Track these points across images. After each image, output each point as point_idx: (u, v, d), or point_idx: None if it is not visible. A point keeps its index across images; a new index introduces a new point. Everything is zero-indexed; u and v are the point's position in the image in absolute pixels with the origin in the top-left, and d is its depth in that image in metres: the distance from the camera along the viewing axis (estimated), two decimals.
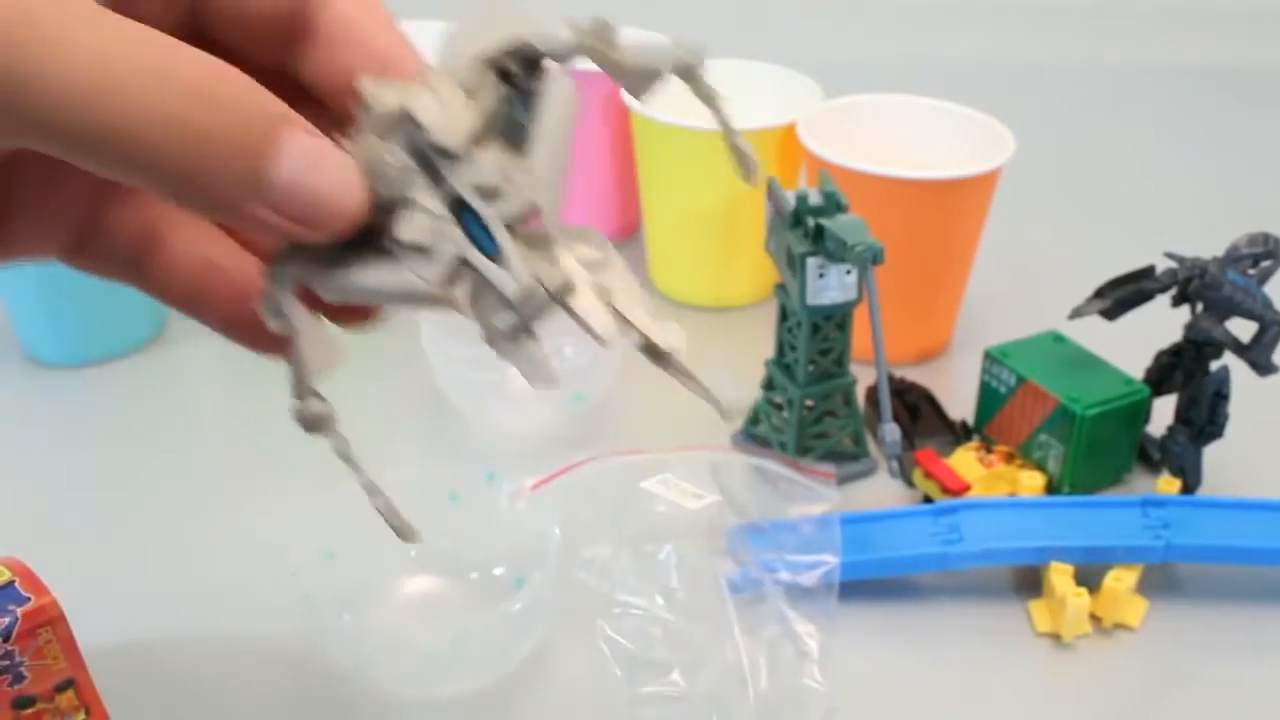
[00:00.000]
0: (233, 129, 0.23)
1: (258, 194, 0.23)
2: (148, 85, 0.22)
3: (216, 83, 0.23)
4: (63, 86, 0.22)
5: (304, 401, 0.26)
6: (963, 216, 0.69)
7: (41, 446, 0.66)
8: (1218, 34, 1.28)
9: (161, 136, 0.22)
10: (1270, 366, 0.57)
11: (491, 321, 0.24)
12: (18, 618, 0.40)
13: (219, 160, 0.23)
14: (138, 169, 0.23)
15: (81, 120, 0.22)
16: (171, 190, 0.23)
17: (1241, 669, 0.52)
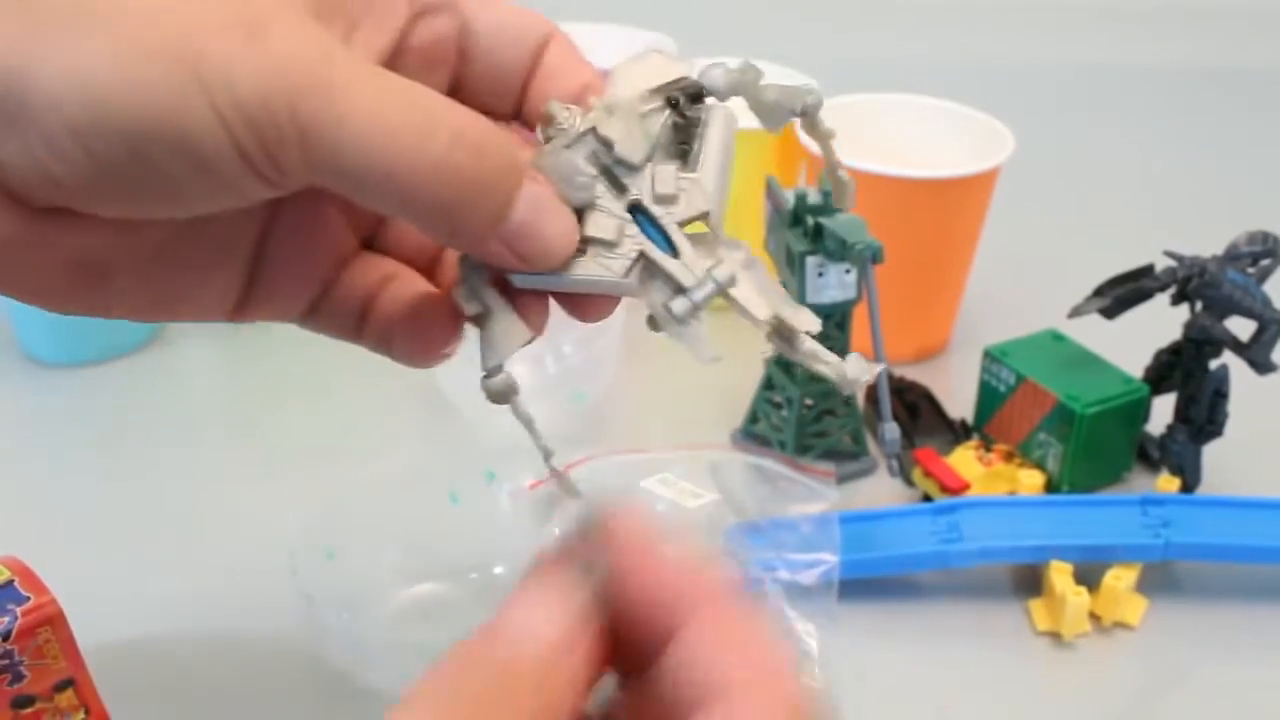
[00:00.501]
0: (488, 173, 0.26)
1: (497, 231, 0.27)
2: (422, 131, 0.25)
3: (475, 132, 0.26)
4: (353, 131, 0.25)
5: (492, 376, 0.29)
6: (963, 215, 0.69)
7: (41, 446, 0.66)
8: (1218, 34, 1.28)
9: (430, 176, 0.26)
10: (1269, 365, 0.57)
11: (663, 306, 0.28)
12: (17, 617, 0.40)
13: (473, 198, 0.26)
14: (407, 203, 0.26)
15: (365, 161, 0.25)
16: (430, 222, 0.27)
17: (1241, 668, 0.52)
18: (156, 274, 0.30)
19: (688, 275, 0.28)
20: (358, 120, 0.25)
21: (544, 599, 0.25)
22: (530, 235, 0.27)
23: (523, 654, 0.24)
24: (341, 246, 0.33)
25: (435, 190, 0.26)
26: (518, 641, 0.24)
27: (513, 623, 0.25)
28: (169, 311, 0.32)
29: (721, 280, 0.28)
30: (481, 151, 0.26)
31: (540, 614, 0.25)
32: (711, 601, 0.24)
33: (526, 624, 0.24)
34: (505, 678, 0.24)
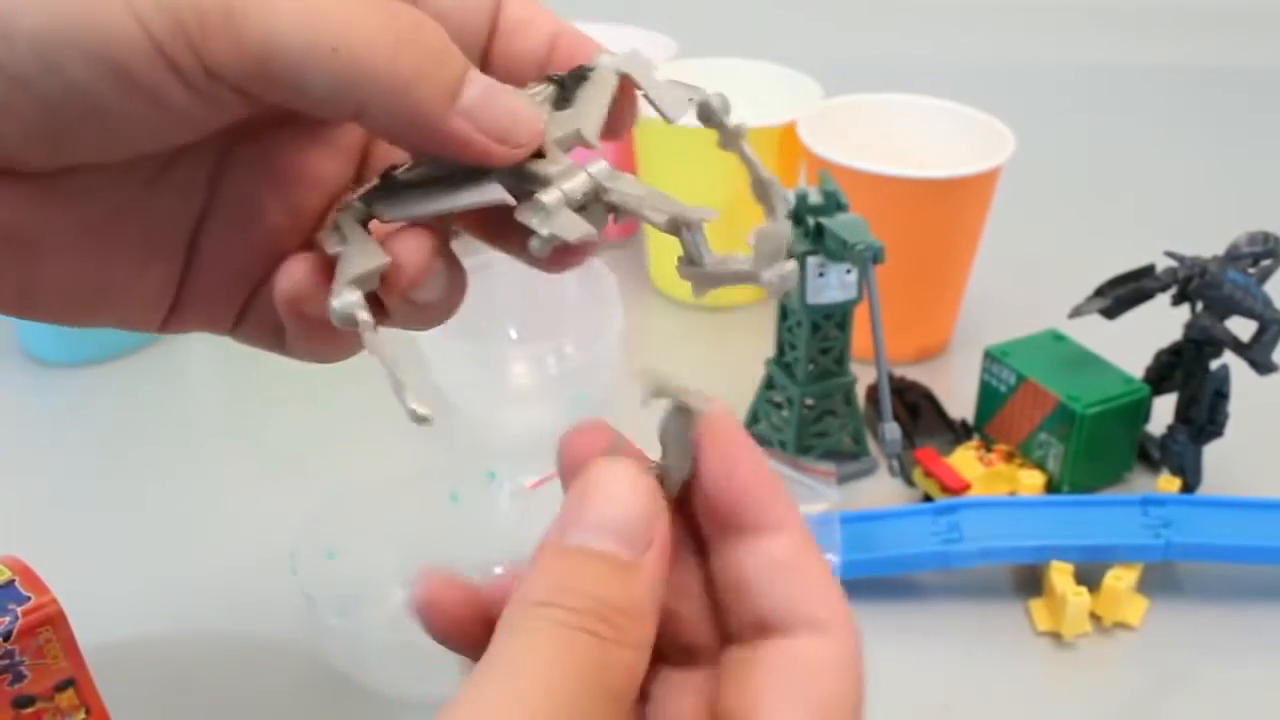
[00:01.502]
0: (434, 42, 0.26)
1: (456, 107, 0.26)
2: (361, 4, 0.25)
3: (409, 10, 0.25)
4: (289, 6, 0.24)
5: (338, 295, 0.27)
6: (963, 216, 0.69)
7: (42, 445, 0.66)
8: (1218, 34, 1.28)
9: (378, 46, 0.25)
10: (1270, 365, 0.57)
11: (533, 202, 0.27)
12: (18, 617, 0.40)
13: (427, 68, 0.25)
14: (358, 82, 0.25)
15: (307, 38, 0.24)
16: (385, 102, 0.25)
17: (1241, 668, 0.52)
18: (87, 257, 0.28)
19: (554, 168, 0.27)
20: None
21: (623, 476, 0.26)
22: (494, 107, 0.26)
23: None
24: (280, 243, 0.31)
25: (386, 62, 0.25)
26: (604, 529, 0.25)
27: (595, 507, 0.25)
28: (98, 305, 0.30)
29: (596, 174, 0.27)
30: (421, 24, 0.25)
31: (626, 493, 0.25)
32: (797, 523, 0.26)
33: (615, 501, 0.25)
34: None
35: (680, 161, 0.74)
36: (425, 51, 0.25)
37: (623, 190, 0.27)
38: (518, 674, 0.22)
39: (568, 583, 0.24)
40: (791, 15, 1.26)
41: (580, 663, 0.23)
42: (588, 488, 0.25)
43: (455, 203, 0.28)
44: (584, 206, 0.27)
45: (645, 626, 0.24)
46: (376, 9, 0.25)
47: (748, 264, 0.28)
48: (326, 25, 0.24)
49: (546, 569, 0.24)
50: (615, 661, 0.23)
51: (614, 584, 0.24)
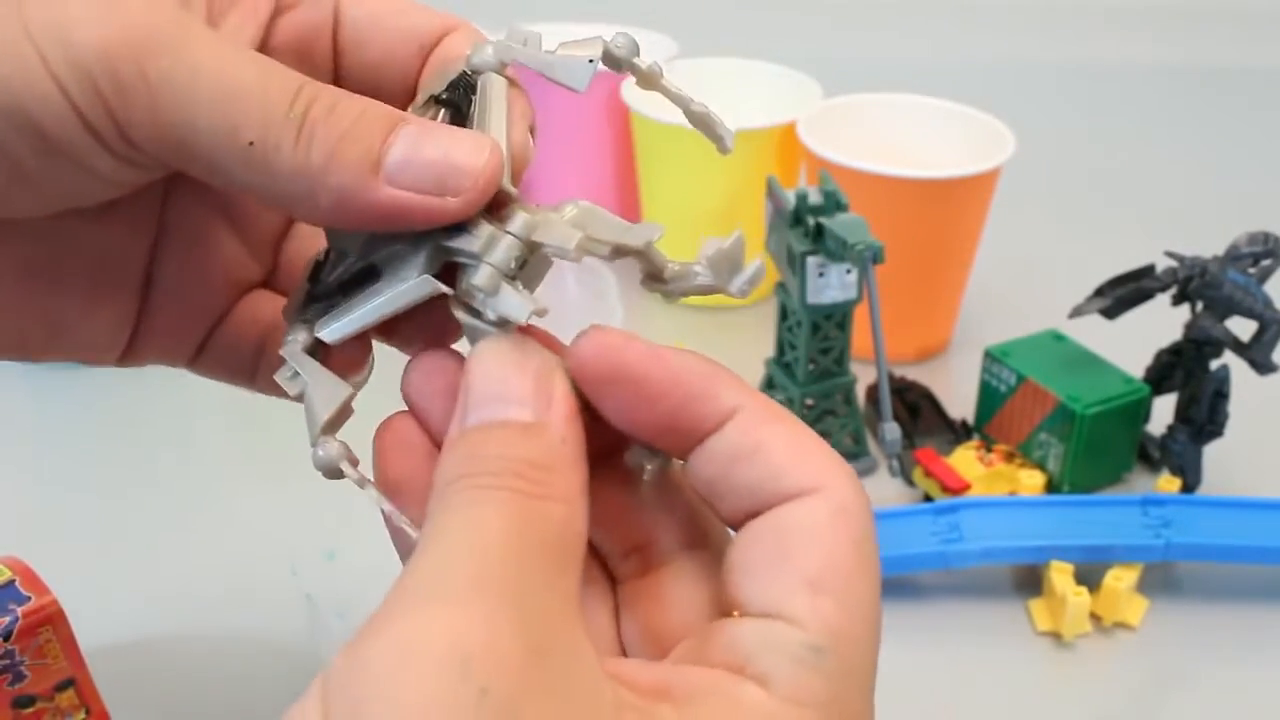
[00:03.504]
0: (345, 121, 0.24)
1: (381, 176, 0.24)
2: (276, 89, 0.24)
3: (328, 91, 0.25)
4: (208, 87, 0.23)
5: (318, 447, 0.27)
6: (963, 216, 0.69)
7: (41, 446, 0.66)
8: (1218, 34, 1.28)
9: (287, 138, 0.24)
10: (1270, 365, 0.57)
11: (468, 286, 0.25)
12: (18, 617, 0.40)
13: (340, 148, 0.24)
14: (276, 175, 0.24)
15: (221, 122, 0.24)
16: (306, 192, 0.24)
17: (1241, 668, 0.52)
18: (34, 297, 0.28)
19: (476, 240, 0.25)
20: (210, 77, 0.23)
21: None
22: (423, 157, 0.24)
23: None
24: (237, 275, 0.31)
25: (300, 154, 0.24)
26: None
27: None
28: (50, 343, 0.29)
29: (516, 230, 0.25)
30: (334, 101, 0.24)
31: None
32: (747, 399, 0.25)
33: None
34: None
35: (680, 161, 0.74)
36: (336, 131, 0.24)
37: (554, 240, 0.25)
38: (443, 543, 0.22)
39: (476, 455, 0.23)
40: (791, 15, 1.26)
41: (505, 516, 0.22)
42: (470, 374, 0.25)
43: (388, 307, 0.26)
44: (523, 265, 0.26)
45: (567, 479, 0.23)
46: (286, 90, 0.24)
47: (709, 276, 0.27)
48: (242, 115, 0.24)
49: (452, 454, 0.24)
50: (542, 513, 0.22)
51: (523, 443, 0.23)
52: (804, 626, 0.23)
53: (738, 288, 0.27)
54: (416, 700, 0.19)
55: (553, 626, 0.21)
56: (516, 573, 0.21)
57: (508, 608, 0.20)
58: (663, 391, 0.25)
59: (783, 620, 0.23)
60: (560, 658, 0.21)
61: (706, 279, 0.27)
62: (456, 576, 0.21)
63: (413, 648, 0.19)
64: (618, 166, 0.81)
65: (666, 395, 0.25)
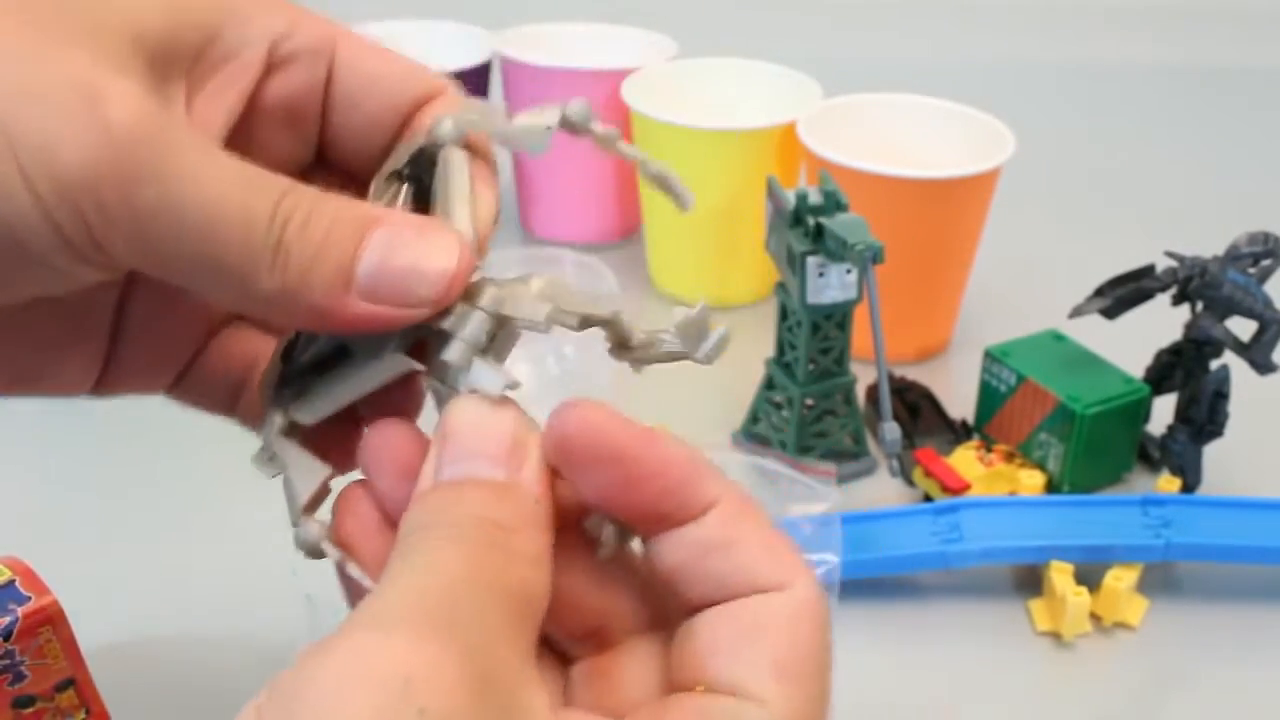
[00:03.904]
0: (316, 238, 0.24)
1: (353, 292, 0.25)
2: (250, 216, 0.24)
3: (302, 208, 0.25)
4: (192, 220, 0.24)
5: (299, 528, 0.27)
6: (963, 216, 0.69)
7: (42, 446, 0.66)
8: (1218, 34, 1.28)
9: (263, 260, 0.24)
10: (1270, 365, 0.57)
11: (440, 362, 0.26)
12: (18, 617, 0.40)
13: (312, 268, 0.24)
14: (252, 294, 0.24)
15: (206, 253, 0.24)
16: (280, 308, 0.25)
17: (1241, 669, 0.52)
18: (4, 347, 0.28)
19: (448, 318, 0.26)
20: (194, 206, 0.24)
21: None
22: (394, 271, 0.25)
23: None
24: (210, 313, 0.31)
25: (275, 274, 0.24)
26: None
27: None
28: (29, 387, 0.30)
29: (486, 305, 0.26)
30: (307, 217, 0.25)
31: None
32: (726, 491, 0.25)
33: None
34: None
35: (680, 162, 0.74)
36: (310, 250, 0.24)
37: (524, 314, 0.26)
38: (400, 579, 0.22)
39: (446, 509, 0.23)
40: (791, 15, 1.26)
41: (466, 562, 0.22)
42: (447, 427, 0.25)
43: (362, 387, 0.27)
44: (494, 337, 0.26)
45: (535, 542, 0.24)
46: (265, 210, 0.24)
47: (678, 344, 0.27)
48: (224, 244, 0.24)
49: (422, 505, 0.24)
50: (505, 568, 0.22)
51: (494, 503, 0.23)
52: (770, 707, 0.23)
53: (703, 354, 0.27)
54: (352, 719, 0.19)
55: (502, 665, 0.21)
56: (471, 614, 0.21)
57: (457, 641, 0.20)
58: (651, 475, 0.25)
59: (751, 700, 0.24)
60: (506, 691, 0.21)
61: (674, 346, 0.27)
62: (409, 607, 0.21)
63: (353, 669, 0.19)
64: (618, 166, 0.81)
65: (654, 480, 0.25)
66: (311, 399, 0.28)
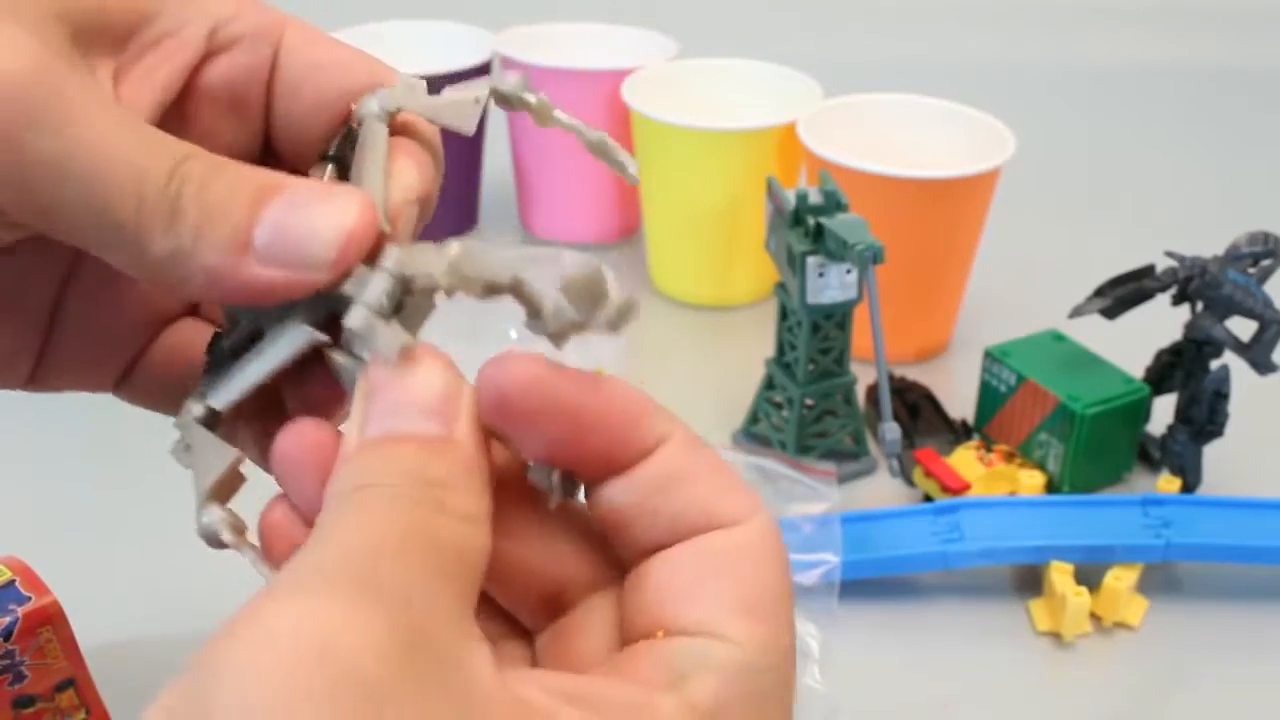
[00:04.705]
0: (216, 200, 0.24)
1: (250, 254, 0.24)
2: (144, 170, 0.23)
3: (200, 166, 0.24)
4: (80, 171, 0.23)
5: (201, 514, 0.26)
6: (963, 216, 0.69)
7: (42, 446, 0.66)
8: (1218, 34, 1.28)
9: (158, 221, 0.23)
10: (1270, 365, 0.57)
11: (346, 326, 0.24)
12: (18, 617, 0.40)
13: (207, 230, 0.24)
14: (145, 257, 0.24)
15: (97, 208, 0.23)
16: (177, 272, 0.24)
17: (1241, 669, 0.52)
18: None
19: (350, 283, 0.24)
20: (86, 155, 0.23)
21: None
22: (296, 235, 0.24)
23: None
24: (155, 307, 0.31)
25: (169, 237, 0.24)
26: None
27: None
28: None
29: (391, 267, 0.24)
30: (205, 183, 0.24)
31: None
32: (674, 428, 0.24)
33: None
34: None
35: (680, 161, 0.74)
36: (206, 211, 0.24)
37: (422, 270, 0.24)
38: (321, 544, 0.20)
39: (377, 467, 0.22)
40: (791, 15, 1.26)
41: (396, 521, 0.21)
42: (370, 383, 0.23)
43: (270, 363, 0.26)
44: (401, 304, 0.25)
45: (473, 500, 0.22)
46: (163, 169, 0.24)
47: (579, 314, 0.24)
48: (115, 196, 0.23)
49: (351, 465, 0.22)
50: (440, 525, 0.21)
51: (429, 459, 0.22)
52: (740, 646, 0.23)
53: (600, 322, 0.24)
54: (266, 692, 0.18)
55: (435, 622, 0.20)
56: (400, 573, 0.20)
57: (384, 600, 0.19)
58: (599, 423, 0.24)
59: (717, 639, 0.23)
60: (439, 650, 0.19)
61: (569, 314, 0.24)
62: (331, 569, 0.19)
63: (266, 637, 0.18)
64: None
65: (602, 427, 0.24)
66: (224, 382, 0.27)
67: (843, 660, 0.50)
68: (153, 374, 0.31)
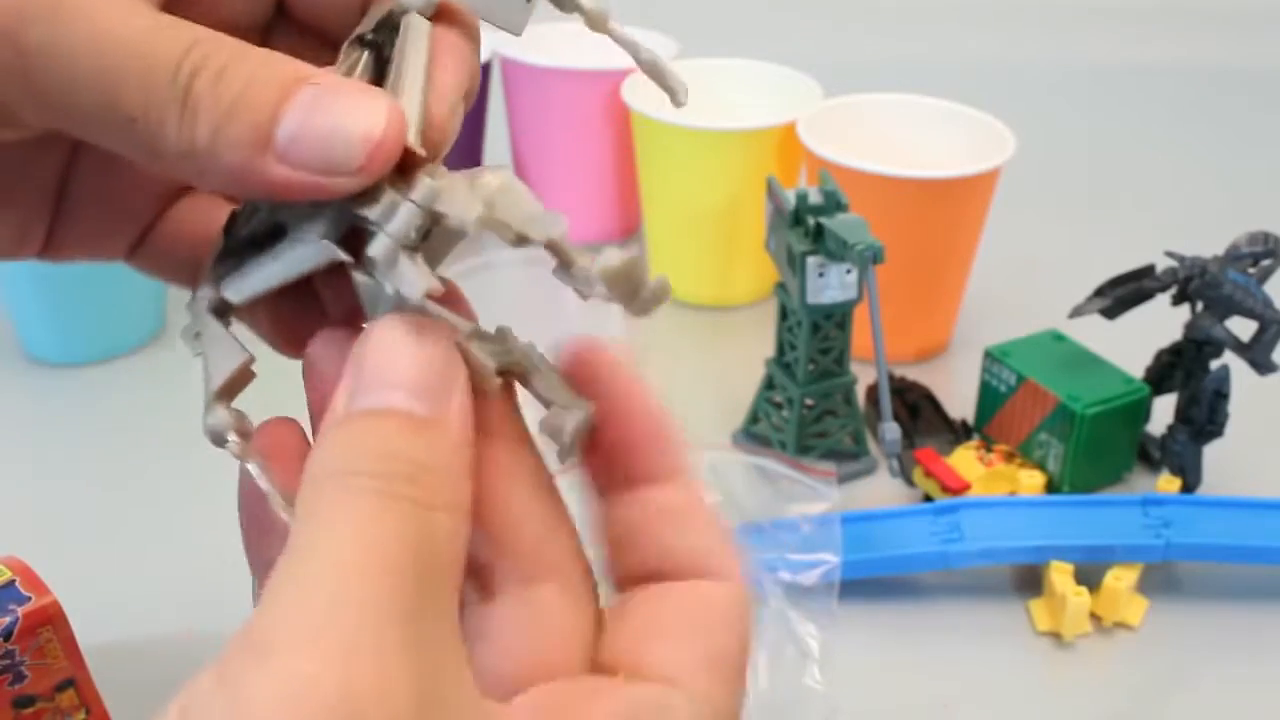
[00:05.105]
0: (234, 90, 0.22)
1: (270, 153, 0.23)
2: (157, 60, 0.22)
3: (217, 55, 0.23)
4: (86, 65, 0.22)
5: (207, 412, 0.26)
6: (963, 216, 0.69)
7: (41, 446, 0.66)
8: (1218, 34, 1.28)
9: (171, 113, 0.22)
10: (1270, 365, 0.57)
11: (369, 254, 0.23)
12: (18, 617, 0.40)
13: (227, 124, 0.22)
14: (161, 151, 0.23)
15: (107, 101, 0.22)
16: (194, 167, 0.23)
17: (1241, 669, 0.52)
18: None
19: (376, 208, 0.23)
20: (89, 44, 0.22)
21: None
22: (315, 132, 0.22)
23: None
24: (166, 181, 0.29)
25: (185, 130, 0.22)
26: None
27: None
28: None
29: (418, 198, 0.23)
30: (223, 66, 0.22)
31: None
32: (690, 472, 0.25)
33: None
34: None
35: (680, 161, 0.74)
36: (223, 105, 0.22)
37: (455, 211, 0.23)
38: (330, 562, 0.20)
39: (361, 446, 0.21)
40: (791, 15, 1.26)
41: (399, 534, 0.20)
42: (364, 349, 0.22)
43: (287, 271, 0.25)
44: (427, 236, 0.24)
45: (457, 489, 0.22)
46: (172, 56, 0.22)
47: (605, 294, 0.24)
48: (123, 88, 0.22)
49: (334, 439, 0.22)
50: (434, 527, 0.21)
51: (415, 441, 0.21)
52: (701, 701, 0.23)
53: (636, 307, 0.24)
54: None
55: (443, 666, 0.20)
56: (406, 601, 0.19)
57: (400, 650, 0.19)
58: (634, 416, 0.24)
59: (680, 690, 0.22)
60: (451, 706, 0.20)
61: (603, 292, 0.24)
62: (349, 610, 0.19)
63: (301, 696, 0.18)
64: (618, 166, 0.81)
65: (635, 422, 0.24)
66: (241, 278, 0.26)
67: (843, 660, 0.50)
68: (162, 246, 0.30)
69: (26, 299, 0.69)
